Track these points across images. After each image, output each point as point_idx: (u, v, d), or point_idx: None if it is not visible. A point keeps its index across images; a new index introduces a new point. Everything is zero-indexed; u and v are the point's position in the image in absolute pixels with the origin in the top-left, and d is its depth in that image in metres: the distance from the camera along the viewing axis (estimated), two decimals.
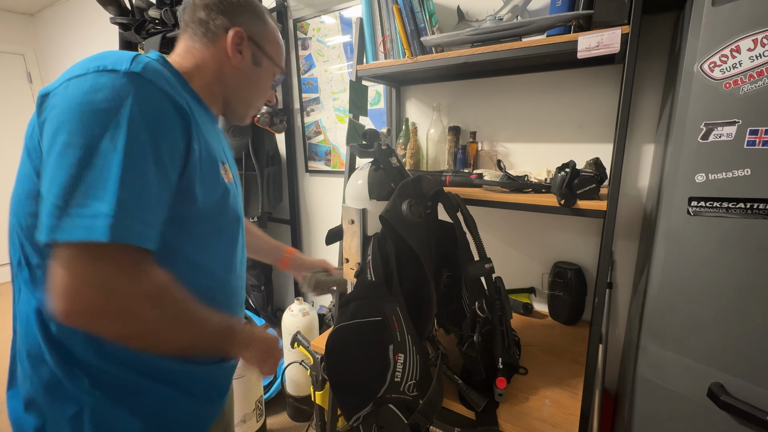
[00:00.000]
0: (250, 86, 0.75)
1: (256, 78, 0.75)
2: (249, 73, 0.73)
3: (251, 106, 0.79)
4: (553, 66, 1.23)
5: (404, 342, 0.84)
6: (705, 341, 0.76)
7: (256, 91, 0.77)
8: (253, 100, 0.79)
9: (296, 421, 1.85)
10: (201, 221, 0.63)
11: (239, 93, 0.74)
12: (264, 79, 0.76)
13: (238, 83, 0.73)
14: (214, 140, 0.68)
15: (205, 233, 0.65)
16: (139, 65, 0.53)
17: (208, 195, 0.62)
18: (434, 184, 0.96)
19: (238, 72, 0.71)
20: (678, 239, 0.76)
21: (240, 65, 0.71)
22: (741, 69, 0.65)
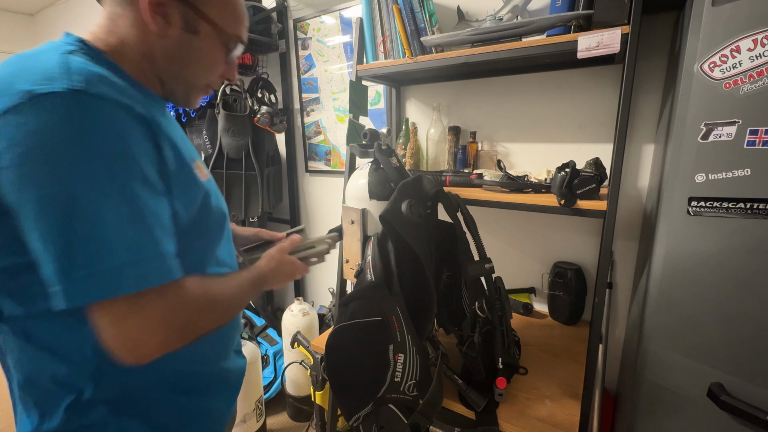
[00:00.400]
0: (185, 60, 0.59)
1: (193, 49, 0.58)
2: (181, 44, 0.57)
3: (191, 85, 0.62)
4: (553, 66, 1.23)
5: (404, 342, 0.84)
6: (705, 341, 0.76)
7: (194, 67, 0.60)
8: (192, 78, 0.61)
9: (296, 421, 1.85)
10: (186, 236, 0.56)
11: (172, 70, 0.59)
12: (206, 51, 0.59)
13: (167, 57, 0.57)
14: (177, 136, 0.59)
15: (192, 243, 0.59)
16: (77, 78, 0.45)
17: (188, 206, 0.56)
18: (434, 184, 0.96)
19: (165, 43, 0.56)
20: (678, 239, 0.76)
21: (165, 34, 0.55)
22: (741, 69, 0.65)
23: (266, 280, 0.70)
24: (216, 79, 0.65)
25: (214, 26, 0.58)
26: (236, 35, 0.62)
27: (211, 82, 0.64)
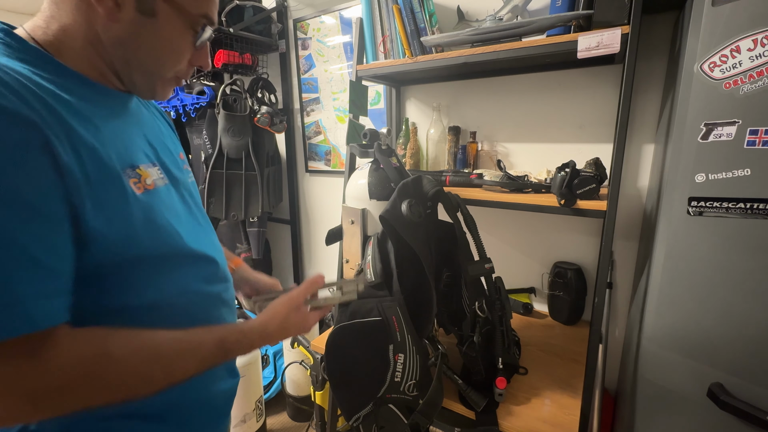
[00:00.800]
0: (142, 48, 0.50)
1: (150, 34, 0.50)
2: (135, 28, 0.49)
3: (154, 76, 0.54)
4: (553, 66, 1.23)
5: (404, 342, 0.84)
6: (705, 341, 0.76)
7: (154, 54, 0.52)
8: (153, 67, 0.53)
9: (296, 421, 1.85)
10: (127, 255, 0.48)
11: (126, 58, 0.51)
12: (167, 35, 0.51)
13: (119, 44, 0.49)
14: (119, 137, 0.51)
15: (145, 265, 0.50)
16: None
17: (115, 223, 0.46)
18: (434, 184, 0.96)
19: (116, 28, 0.48)
20: (678, 239, 0.76)
21: (115, 17, 0.47)
22: (741, 69, 0.65)
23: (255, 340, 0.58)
24: (185, 68, 0.56)
25: (174, 6, 0.50)
26: (203, 14, 0.53)
27: (178, 72, 0.56)
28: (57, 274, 0.41)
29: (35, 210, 0.39)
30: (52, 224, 0.40)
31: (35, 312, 0.39)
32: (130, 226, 0.47)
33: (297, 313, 0.64)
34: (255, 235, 1.93)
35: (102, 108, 0.51)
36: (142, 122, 0.59)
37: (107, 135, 0.48)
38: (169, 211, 0.54)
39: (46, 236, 0.40)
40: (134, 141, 0.54)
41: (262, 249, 1.97)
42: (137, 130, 0.56)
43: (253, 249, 1.95)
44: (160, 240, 0.51)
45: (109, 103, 0.52)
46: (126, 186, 0.48)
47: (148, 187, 0.51)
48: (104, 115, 0.50)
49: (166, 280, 0.53)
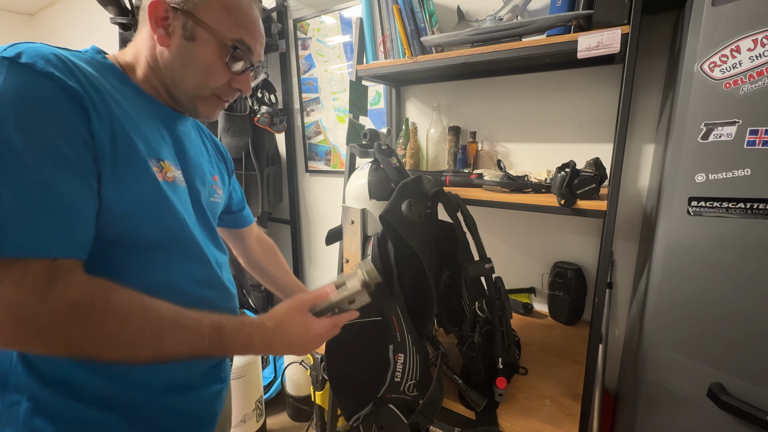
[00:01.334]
0: (182, 67, 0.59)
1: (189, 55, 0.58)
2: (179, 51, 0.58)
3: (192, 94, 0.62)
4: (553, 66, 1.23)
5: (404, 342, 0.84)
6: (705, 341, 0.76)
7: (190, 73, 0.60)
8: (190, 86, 0.61)
9: (296, 421, 1.85)
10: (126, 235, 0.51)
11: (172, 77, 0.60)
12: (201, 56, 0.58)
13: (167, 66, 0.59)
14: (154, 136, 0.58)
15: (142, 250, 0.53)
16: (13, 51, 0.45)
17: (125, 197, 0.50)
18: (434, 184, 0.96)
19: (168, 53, 0.58)
20: (678, 239, 0.76)
21: (167, 43, 0.58)
22: (741, 69, 0.65)
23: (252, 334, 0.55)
24: (223, 88, 0.64)
25: (210, 31, 0.58)
26: (235, 39, 0.60)
27: (218, 92, 0.63)
28: (83, 217, 0.47)
29: (68, 161, 0.45)
30: (82, 176, 0.46)
31: (61, 240, 0.44)
32: (139, 205, 0.52)
33: (300, 316, 0.60)
34: None
35: (148, 114, 0.59)
36: (186, 138, 0.66)
37: (143, 130, 0.55)
38: (180, 203, 0.58)
39: (76, 183, 0.46)
40: (165, 144, 0.60)
41: None
42: (173, 140, 0.63)
43: None
44: (164, 225, 0.55)
45: (158, 113, 0.61)
46: (149, 169, 0.53)
47: (168, 178, 0.57)
48: (147, 118, 0.58)
49: (156, 269, 0.55)
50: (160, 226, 0.55)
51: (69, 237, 0.45)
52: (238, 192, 0.91)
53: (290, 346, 0.60)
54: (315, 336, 0.61)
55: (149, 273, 0.55)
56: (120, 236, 0.51)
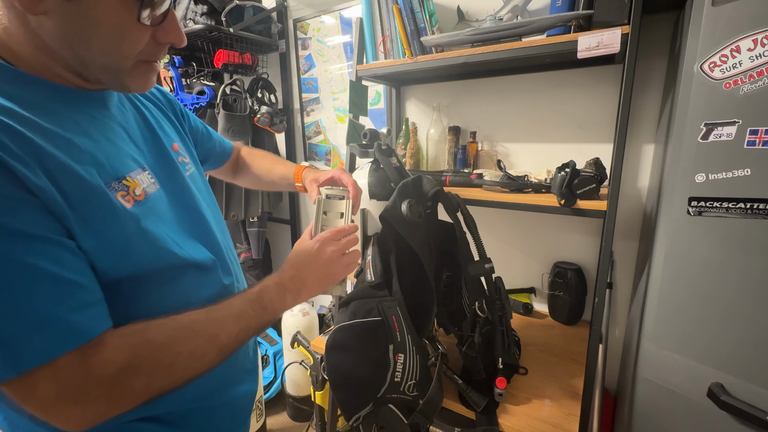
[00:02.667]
0: (81, 38, 0.43)
1: (83, 21, 0.42)
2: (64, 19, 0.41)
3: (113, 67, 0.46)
4: (553, 66, 1.23)
5: (404, 342, 0.84)
6: (705, 341, 0.76)
7: (97, 43, 0.43)
8: (104, 58, 0.45)
9: (296, 421, 1.85)
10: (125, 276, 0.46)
11: (74, 54, 0.44)
12: (102, 17, 0.42)
13: (57, 40, 0.43)
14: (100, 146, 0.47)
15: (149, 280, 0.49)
16: None
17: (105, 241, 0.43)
18: (434, 184, 0.96)
19: (46, 22, 0.41)
20: (678, 239, 0.76)
21: (37, 10, 0.40)
22: (741, 69, 0.65)
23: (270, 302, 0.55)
24: (150, 49, 0.48)
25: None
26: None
27: (144, 56, 0.48)
28: (80, 286, 0.41)
29: (31, 234, 0.38)
30: (49, 243, 0.39)
31: (81, 324, 0.40)
32: (124, 242, 0.45)
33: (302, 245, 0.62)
34: (255, 235, 1.93)
35: (76, 114, 0.47)
36: (126, 119, 0.55)
37: (84, 148, 0.44)
38: (162, 221, 0.51)
39: (51, 253, 0.39)
40: (118, 147, 0.50)
41: (262, 249, 1.97)
42: (121, 131, 0.52)
43: (253, 249, 1.95)
44: (156, 254, 0.49)
45: (82, 106, 0.48)
46: (114, 201, 0.45)
47: (138, 198, 0.48)
48: (79, 122, 0.46)
49: (165, 293, 0.52)
50: (152, 256, 0.49)
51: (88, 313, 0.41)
52: (199, 126, 0.80)
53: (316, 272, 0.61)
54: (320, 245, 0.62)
55: (159, 299, 0.51)
56: (120, 279, 0.46)
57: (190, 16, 1.62)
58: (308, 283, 0.60)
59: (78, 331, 0.40)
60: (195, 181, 0.64)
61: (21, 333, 0.37)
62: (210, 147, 0.86)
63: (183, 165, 0.62)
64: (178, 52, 1.92)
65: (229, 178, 0.97)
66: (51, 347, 0.38)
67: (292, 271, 0.59)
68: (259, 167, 0.91)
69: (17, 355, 0.37)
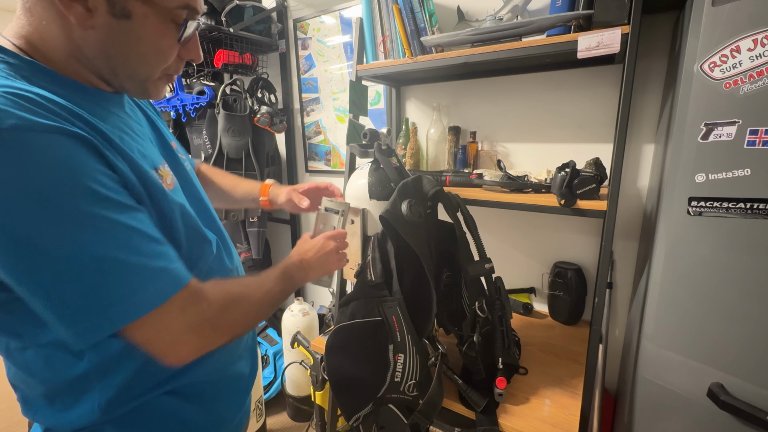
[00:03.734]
0: (123, 52, 0.48)
1: (129, 36, 0.47)
2: (111, 33, 0.46)
3: (142, 78, 0.52)
4: (553, 66, 1.23)
5: (404, 342, 0.84)
6: (705, 341, 0.76)
7: (137, 57, 0.49)
8: (139, 70, 0.51)
9: (296, 421, 1.85)
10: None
11: (111, 65, 0.49)
12: (147, 35, 0.48)
13: (99, 52, 0.47)
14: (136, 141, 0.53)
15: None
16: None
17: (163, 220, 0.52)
18: (434, 184, 0.96)
19: (92, 35, 0.45)
20: (678, 239, 0.76)
21: (88, 24, 0.44)
22: (741, 69, 0.65)
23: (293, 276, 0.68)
24: (174, 65, 0.54)
25: (148, 3, 0.46)
26: (182, 6, 0.49)
27: (167, 69, 0.54)
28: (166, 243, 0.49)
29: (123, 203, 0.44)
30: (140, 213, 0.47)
31: (177, 271, 0.48)
32: (170, 220, 0.53)
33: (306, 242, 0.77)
34: (255, 235, 1.93)
35: (108, 113, 0.52)
36: (138, 119, 0.60)
37: (127, 140, 0.51)
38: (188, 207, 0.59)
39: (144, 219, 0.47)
40: (145, 143, 0.56)
41: (262, 249, 1.97)
42: (139, 129, 0.57)
43: (253, 249, 1.95)
44: (188, 233, 0.57)
45: (108, 107, 0.53)
46: (161, 185, 0.52)
47: (169, 186, 0.54)
48: (114, 120, 0.52)
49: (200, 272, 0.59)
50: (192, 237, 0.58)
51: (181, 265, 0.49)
52: None
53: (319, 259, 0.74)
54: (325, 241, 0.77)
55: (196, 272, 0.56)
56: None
57: None
58: (313, 267, 0.73)
59: (179, 277, 0.48)
60: (193, 174, 0.70)
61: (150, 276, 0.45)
62: None
63: (183, 161, 0.68)
64: None
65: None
66: (174, 284, 0.47)
67: (303, 254, 0.73)
68: (222, 183, 0.95)
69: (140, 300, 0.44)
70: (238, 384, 0.69)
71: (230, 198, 0.95)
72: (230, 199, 0.96)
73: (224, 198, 0.95)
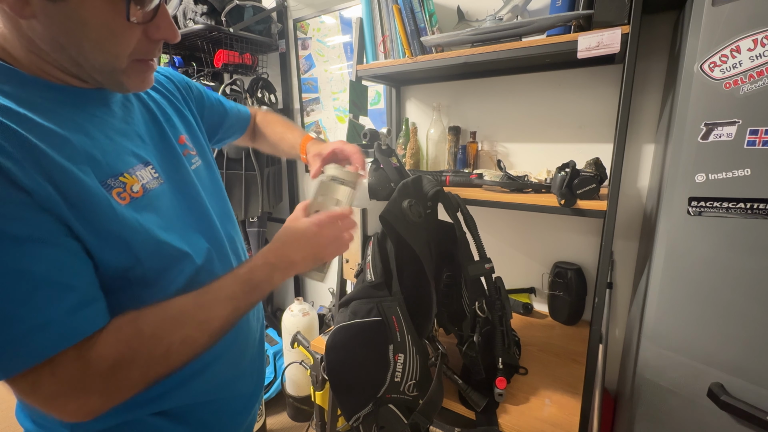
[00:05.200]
0: (70, 40, 0.43)
1: (71, 22, 0.42)
2: (51, 20, 0.41)
3: (105, 66, 0.46)
4: (553, 66, 1.23)
5: (404, 342, 0.84)
6: (705, 341, 0.76)
7: (86, 43, 0.43)
8: (95, 58, 0.45)
9: (296, 421, 1.85)
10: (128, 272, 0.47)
11: (65, 55, 0.44)
12: (91, 17, 0.42)
13: (48, 43, 0.43)
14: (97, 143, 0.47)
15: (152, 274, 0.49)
16: None
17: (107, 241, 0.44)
18: (434, 184, 0.96)
19: (36, 24, 0.41)
20: (678, 239, 0.76)
21: (26, 13, 0.40)
22: (741, 69, 0.65)
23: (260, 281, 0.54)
24: (143, 47, 0.47)
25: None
26: None
27: (137, 54, 0.47)
28: (74, 288, 0.41)
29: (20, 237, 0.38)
30: (43, 245, 0.39)
31: (77, 325, 0.41)
32: (122, 238, 0.45)
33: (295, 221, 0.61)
34: (255, 235, 1.94)
35: (74, 112, 0.47)
36: (130, 115, 0.55)
37: (81, 146, 0.44)
38: (161, 216, 0.51)
39: (45, 256, 0.39)
40: (117, 144, 0.50)
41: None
42: (123, 127, 0.52)
43: (253, 249, 1.95)
44: (155, 248, 0.49)
45: (81, 104, 0.48)
46: (110, 200, 0.44)
47: (135, 194, 0.48)
48: (77, 121, 0.46)
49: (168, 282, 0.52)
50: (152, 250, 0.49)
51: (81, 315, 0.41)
52: (214, 105, 0.81)
53: (307, 252, 0.59)
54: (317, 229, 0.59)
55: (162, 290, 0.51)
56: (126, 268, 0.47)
57: (190, 16, 1.62)
58: (296, 261, 0.58)
59: (73, 331, 0.41)
60: (199, 174, 0.64)
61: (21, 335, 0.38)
62: (228, 122, 0.87)
63: (189, 158, 0.62)
64: (178, 52, 1.92)
65: (249, 144, 1.00)
66: (48, 347, 0.40)
67: (283, 248, 0.58)
68: (272, 134, 0.92)
69: (17, 355, 0.39)
70: (236, 403, 0.64)
71: (280, 150, 0.92)
72: (280, 151, 0.92)
73: (276, 149, 0.93)
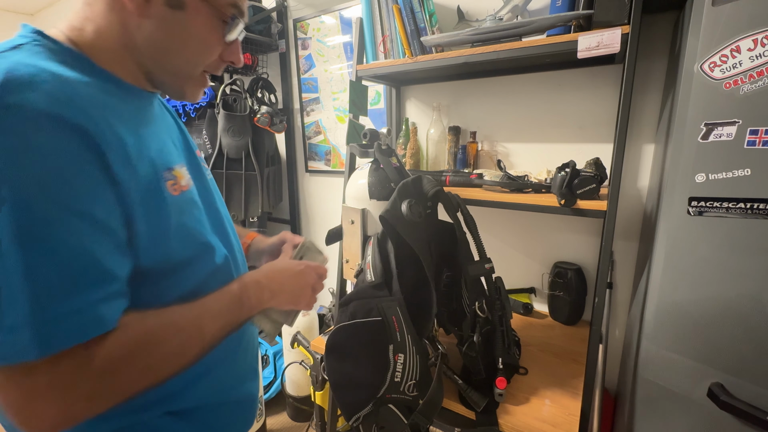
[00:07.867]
0: (173, 43, 0.49)
1: (180, 28, 0.48)
2: (165, 23, 0.48)
3: (184, 74, 0.53)
4: (553, 66, 1.23)
5: (404, 342, 0.84)
6: (705, 341, 0.76)
7: (185, 50, 0.50)
8: (184, 65, 0.52)
9: (296, 421, 1.85)
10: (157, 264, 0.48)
11: (159, 58, 0.50)
12: (197, 29, 0.49)
13: (150, 42, 0.48)
14: (155, 138, 0.51)
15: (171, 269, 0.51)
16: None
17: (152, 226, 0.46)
18: (434, 184, 0.96)
19: (147, 24, 0.47)
20: (678, 239, 0.76)
21: (144, 12, 0.46)
22: (741, 69, 0.65)
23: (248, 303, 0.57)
24: (215, 63, 0.55)
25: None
26: (231, 3, 0.51)
27: (208, 68, 0.55)
28: (117, 279, 0.43)
29: (98, 221, 0.41)
30: (112, 234, 0.42)
31: (105, 315, 0.41)
32: (164, 229, 0.48)
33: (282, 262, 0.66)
34: None
35: (135, 109, 0.51)
36: (166, 122, 0.59)
37: (146, 138, 0.49)
38: (200, 211, 0.55)
39: (108, 245, 0.42)
40: (166, 142, 0.54)
41: None
42: (165, 130, 0.56)
43: None
44: (189, 241, 0.52)
45: (138, 103, 0.52)
46: (164, 189, 0.48)
47: (183, 188, 0.52)
48: (140, 116, 0.50)
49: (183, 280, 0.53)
50: (184, 244, 0.51)
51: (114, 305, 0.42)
52: None
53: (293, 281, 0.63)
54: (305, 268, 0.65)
55: (177, 286, 0.52)
56: (151, 266, 0.48)
57: None
58: (285, 290, 0.62)
59: (103, 320, 0.41)
60: (213, 184, 0.68)
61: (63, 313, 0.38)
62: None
63: (205, 169, 0.66)
64: None
65: None
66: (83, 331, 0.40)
67: (273, 273, 0.62)
68: None
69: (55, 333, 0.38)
70: (243, 406, 0.66)
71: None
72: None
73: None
